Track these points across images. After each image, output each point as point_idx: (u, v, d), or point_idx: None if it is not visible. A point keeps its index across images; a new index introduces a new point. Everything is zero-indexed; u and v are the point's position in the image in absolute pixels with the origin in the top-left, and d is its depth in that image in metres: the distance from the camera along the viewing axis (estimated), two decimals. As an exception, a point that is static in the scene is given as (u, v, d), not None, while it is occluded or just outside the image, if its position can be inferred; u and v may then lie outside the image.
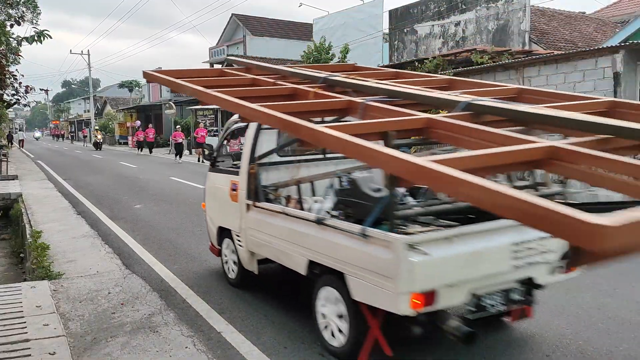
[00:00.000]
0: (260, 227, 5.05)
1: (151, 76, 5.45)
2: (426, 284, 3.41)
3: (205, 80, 4.89)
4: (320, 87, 4.42)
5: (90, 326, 4.84)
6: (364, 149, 2.59)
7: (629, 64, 10.09)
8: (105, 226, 9.66)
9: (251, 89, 4.55)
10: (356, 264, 3.74)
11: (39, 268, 6.64)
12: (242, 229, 5.38)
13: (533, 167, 2.95)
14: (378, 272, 3.52)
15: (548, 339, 4.33)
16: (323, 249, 4.09)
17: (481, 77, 13.07)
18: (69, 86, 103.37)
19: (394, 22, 23.10)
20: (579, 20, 20.89)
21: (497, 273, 3.74)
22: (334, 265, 3.99)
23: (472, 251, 3.57)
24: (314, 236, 4.18)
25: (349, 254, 3.80)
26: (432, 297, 3.45)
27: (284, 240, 4.68)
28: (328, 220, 4.07)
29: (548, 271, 3.97)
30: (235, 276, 5.87)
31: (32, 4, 18.07)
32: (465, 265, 3.56)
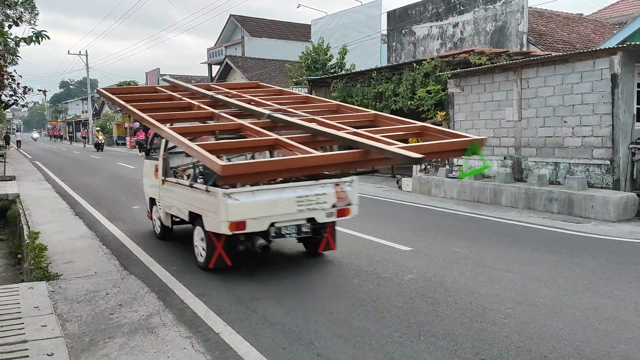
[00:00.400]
0: (169, 194, 7.60)
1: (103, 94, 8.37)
2: (237, 217, 5.85)
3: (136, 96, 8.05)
4: (205, 102, 7.36)
5: (88, 327, 4.84)
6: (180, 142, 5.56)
7: (626, 65, 10.12)
8: (103, 227, 9.65)
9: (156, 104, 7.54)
10: (205, 208, 6.24)
11: (36, 269, 6.63)
12: (160, 196, 7.98)
13: (267, 149, 6.29)
14: (213, 211, 5.99)
15: (546, 339, 4.34)
16: (193, 202, 6.64)
17: (479, 78, 13.10)
18: (67, 87, 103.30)
19: (392, 23, 23.13)
20: (576, 21, 20.95)
21: (287, 213, 6.16)
22: (197, 210, 6.53)
23: (268, 200, 6.03)
24: (189, 195, 6.75)
25: (202, 203, 6.31)
26: (242, 225, 5.90)
27: (178, 200, 7.21)
28: (194, 184, 6.62)
29: (325, 215, 6.41)
30: (160, 231, 8.47)
31: (30, 5, 18.07)
32: (264, 208, 5.99)
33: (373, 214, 10.79)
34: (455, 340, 4.36)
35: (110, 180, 18.03)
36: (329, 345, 4.31)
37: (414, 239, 8.21)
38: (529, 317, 4.84)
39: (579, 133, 10.83)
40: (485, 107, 12.96)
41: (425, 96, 15.22)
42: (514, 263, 6.75)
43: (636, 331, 4.50)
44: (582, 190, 10.21)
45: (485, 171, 12.60)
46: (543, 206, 10.64)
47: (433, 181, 13.50)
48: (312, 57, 23.91)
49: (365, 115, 6.88)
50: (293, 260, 7.04)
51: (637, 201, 9.86)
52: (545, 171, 11.46)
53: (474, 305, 5.16)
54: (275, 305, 5.29)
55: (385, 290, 5.69)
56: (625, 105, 10.17)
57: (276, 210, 6.11)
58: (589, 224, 9.32)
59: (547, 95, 11.41)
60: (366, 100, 18.26)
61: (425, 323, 4.74)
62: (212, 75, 42.62)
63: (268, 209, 6.05)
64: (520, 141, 12.08)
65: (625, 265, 6.63)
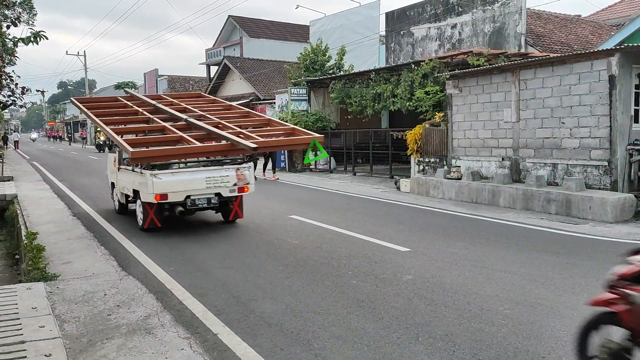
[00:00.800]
0: (122, 178, 10.29)
1: (74, 103, 11.70)
2: (161, 190, 8.45)
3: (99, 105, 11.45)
4: (148, 109, 10.25)
5: (86, 328, 4.83)
6: (113, 137, 8.85)
7: (624, 66, 10.14)
8: (101, 227, 9.64)
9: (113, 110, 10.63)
10: (141, 185, 8.81)
11: (34, 270, 6.62)
12: (117, 180, 10.77)
13: (173, 144, 8.39)
14: (145, 187, 8.55)
15: (543, 340, 4.34)
16: (135, 182, 9.22)
17: (477, 79, 13.12)
18: (65, 87, 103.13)
19: (391, 25, 23.15)
20: (574, 23, 20.98)
21: (198, 189, 8.81)
22: (137, 187, 9.12)
23: (184, 179, 8.75)
24: (133, 177, 9.35)
25: (140, 182, 8.91)
26: (165, 196, 8.52)
27: (127, 181, 9.85)
28: (135, 169, 9.17)
29: (228, 191, 9.03)
30: (118, 208, 11.13)
31: (29, 5, 18.02)
32: (181, 185, 8.66)
33: (371, 214, 10.80)
34: (454, 341, 4.37)
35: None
36: (327, 346, 4.31)
37: (412, 240, 8.22)
38: (526, 317, 4.85)
39: (577, 134, 10.84)
40: (484, 108, 12.98)
41: (424, 97, 15.23)
42: (512, 264, 6.76)
43: (634, 332, 4.51)
44: (580, 192, 10.23)
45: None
46: (541, 207, 10.66)
47: (431, 182, 13.51)
48: (310, 58, 23.90)
49: (262, 120, 10.20)
50: (291, 261, 7.04)
51: (634, 202, 9.88)
52: (543, 172, 11.48)
53: (472, 306, 5.16)
54: (273, 305, 5.29)
55: (384, 291, 5.70)
56: (622, 107, 10.20)
57: (190, 187, 8.85)
58: (586, 225, 9.33)
59: (545, 97, 11.43)
60: (364, 101, 18.27)
61: (423, 324, 4.74)
62: (211, 75, 42.59)
63: (184, 186, 8.80)
64: (519, 142, 12.10)
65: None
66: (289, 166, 21.36)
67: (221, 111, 10.81)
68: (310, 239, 8.40)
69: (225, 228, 9.42)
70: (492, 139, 12.76)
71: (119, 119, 10.09)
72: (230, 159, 9.57)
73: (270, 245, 8.00)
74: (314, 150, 10.81)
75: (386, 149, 18.18)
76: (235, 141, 8.02)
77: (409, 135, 15.48)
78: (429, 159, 15.06)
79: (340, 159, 20.16)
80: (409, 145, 15.53)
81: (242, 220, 10.04)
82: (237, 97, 35.11)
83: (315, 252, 7.51)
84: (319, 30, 28.52)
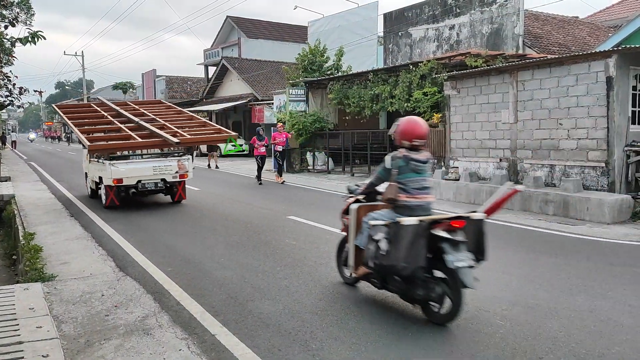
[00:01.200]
0: (92, 168, 12.67)
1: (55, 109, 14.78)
2: (117, 176, 11.17)
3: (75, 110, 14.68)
4: (112, 114, 13.42)
5: (83, 328, 4.83)
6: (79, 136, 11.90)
7: (621, 68, 10.17)
8: (99, 228, 9.63)
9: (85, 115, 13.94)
10: (103, 172, 11.44)
11: (31, 270, 6.61)
12: (89, 170, 13.30)
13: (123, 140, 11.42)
14: (106, 173, 11.24)
15: (541, 341, 4.35)
16: (100, 170, 11.71)
17: (475, 80, 13.14)
18: (63, 87, 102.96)
19: (389, 25, 23.16)
20: (572, 24, 21.03)
21: (147, 175, 11.54)
22: (101, 174, 11.61)
23: (135, 167, 11.56)
24: (99, 167, 11.83)
25: (102, 170, 11.51)
26: (121, 181, 11.26)
27: (95, 171, 12.23)
28: (99, 160, 11.83)
29: (171, 177, 11.72)
30: (90, 193, 13.46)
31: (26, 5, 17.99)
32: (133, 172, 11.42)
33: (369, 215, 10.78)
34: (451, 342, 4.37)
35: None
36: (325, 347, 4.32)
37: (410, 241, 8.20)
38: (524, 318, 4.86)
39: (575, 135, 10.87)
40: (482, 109, 13.00)
41: (422, 98, 15.25)
42: (510, 265, 6.77)
43: (631, 333, 4.52)
44: (578, 193, 10.25)
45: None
46: (539, 208, 10.67)
47: (429, 183, 13.51)
48: (308, 59, 23.89)
49: (200, 122, 13.59)
50: (289, 262, 7.04)
51: (632, 203, 9.90)
52: (541, 173, 11.50)
53: (470, 306, 5.16)
54: (271, 306, 5.29)
55: (381, 292, 5.70)
56: (620, 108, 10.22)
57: (140, 173, 11.58)
58: (584, 226, 9.35)
59: (543, 98, 11.46)
60: (362, 102, 18.28)
61: (421, 324, 4.74)
62: (209, 76, 42.58)
63: (135, 173, 11.53)
64: (516, 143, 12.12)
65: (620, 267, 6.66)
66: (287, 167, 21.35)
67: (170, 115, 13.96)
68: (308, 239, 8.40)
69: (223, 229, 9.41)
70: (490, 140, 12.78)
71: (87, 122, 13.37)
72: (176, 152, 12.41)
73: (267, 245, 8.00)
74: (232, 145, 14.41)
75: (384, 149, 18.17)
76: (166, 138, 11.04)
77: (407, 136, 15.46)
78: (426, 160, 15.05)
79: (338, 159, 20.17)
80: (407, 146, 15.51)
81: (240, 221, 10.04)
82: (236, 97, 35.11)
83: (313, 252, 7.51)
84: (317, 31, 28.53)
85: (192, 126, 12.81)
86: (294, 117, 20.65)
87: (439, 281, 4.68)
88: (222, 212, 11.30)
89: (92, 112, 14.11)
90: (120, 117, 13.10)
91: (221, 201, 13.04)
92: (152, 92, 48.77)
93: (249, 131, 35.34)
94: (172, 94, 45.86)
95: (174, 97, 45.29)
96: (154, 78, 48.35)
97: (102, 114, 13.47)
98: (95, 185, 12.85)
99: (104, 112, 13.69)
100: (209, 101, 39.06)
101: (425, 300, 4.79)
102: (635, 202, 9.98)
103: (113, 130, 12.22)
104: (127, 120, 12.77)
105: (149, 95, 49.68)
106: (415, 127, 5.03)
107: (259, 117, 30.77)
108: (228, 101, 35.08)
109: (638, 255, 7.35)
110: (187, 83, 47.91)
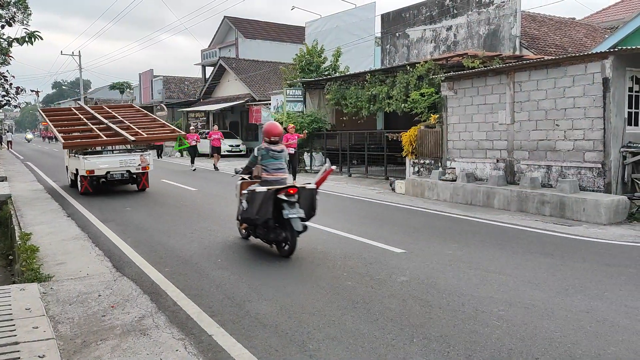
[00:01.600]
0: (71, 162, 15.33)
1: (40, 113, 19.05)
2: (89, 167, 13.71)
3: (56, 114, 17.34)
4: (87, 117, 16.01)
5: (80, 329, 4.82)
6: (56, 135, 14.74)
7: (617, 69, 10.20)
8: (96, 228, 9.61)
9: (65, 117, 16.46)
10: (79, 164, 13.96)
11: (28, 270, 6.59)
12: (69, 164, 15.90)
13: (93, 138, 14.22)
14: (81, 166, 13.80)
15: (537, 341, 4.36)
16: (77, 163, 14.25)
17: (472, 81, 13.16)
18: (60, 87, 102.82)
19: (386, 26, 23.20)
20: (569, 25, 21.09)
21: (115, 167, 14.09)
22: (77, 166, 14.27)
23: (105, 161, 14.08)
24: (75, 161, 14.49)
25: (78, 163, 14.07)
26: (92, 172, 13.78)
27: (73, 164, 14.92)
28: (75, 155, 14.45)
29: (135, 169, 14.27)
30: (70, 183, 15.80)
31: (23, 5, 17.97)
32: (103, 164, 13.93)
33: (366, 216, 10.81)
34: (448, 342, 4.38)
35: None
36: (322, 347, 4.32)
37: (407, 241, 8.23)
38: (521, 319, 4.87)
39: (571, 136, 10.90)
40: (479, 110, 13.03)
41: (419, 99, 15.27)
42: (507, 265, 6.79)
43: (627, 333, 4.53)
44: (574, 193, 10.27)
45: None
46: (535, 209, 10.70)
47: (426, 183, 13.55)
48: (306, 59, 23.91)
49: (159, 123, 16.03)
50: (286, 263, 7.04)
51: (628, 204, 9.93)
52: (538, 174, 11.53)
53: (467, 307, 5.18)
54: (268, 306, 5.29)
55: (379, 292, 5.71)
56: (616, 109, 10.26)
57: (109, 166, 13.96)
58: (580, 226, 9.38)
59: (540, 99, 11.49)
60: (360, 103, 18.29)
61: (418, 325, 4.75)
62: (206, 76, 42.55)
63: (104, 165, 13.92)
64: (513, 144, 12.15)
65: (616, 268, 6.69)
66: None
67: (137, 117, 16.42)
68: (305, 240, 8.39)
69: (220, 229, 9.41)
70: (487, 141, 12.81)
71: (66, 123, 15.69)
72: (139, 148, 15.20)
73: (264, 246, 7.99)
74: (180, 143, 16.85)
75: (381, 150, 18.21)
76: (126, 137, 13.74)
77: (404, 137, 15.52)
78: (424, 161, 15.09)
79: (335, 160, 20.19)
80: (404, 147, 15.57)
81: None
82: (233, 97, 35.09)
83: (310, 253, 7.51)
84: (315, 32, 28.55)
85: (153, 127, 15.41)
86: (291, 118, 20.65)
87: (283, 229, 7.11)
88: (220, 212, 11.29)
89: (72, 115, 16.58)
90: (94, 119, 15.62)
91: (218, 201, 13.03)
92: (149, 92, 48.69)
93: (246, 131, 35.34)
94: (169, 94, 45.79)
95: (171, 97, 45.23)
96: (152, 78, 48.28)
97: (79, 117, 16.00)
98: (74, 176, 15.07)
99: (81, 115, 16.19)
100: (206, 101, 39.03)
101: (276, 242, 7.35)
102: (631, 203, 10.02)
103: (86, 130, 14.72)
104: (99, 122, 15.31)
105: (146, 95, 49.64)
106: (273, 129, 7.57)
107: (257, 118, 30.76)
108: (225, 101, 35.06)
109: (634, 256, 7.38)
110: (185, 83, 47.85)
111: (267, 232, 7.34)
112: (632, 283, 6.00)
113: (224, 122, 36.70)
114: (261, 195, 6.96)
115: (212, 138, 23.63)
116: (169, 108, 40.56)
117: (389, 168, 17.86)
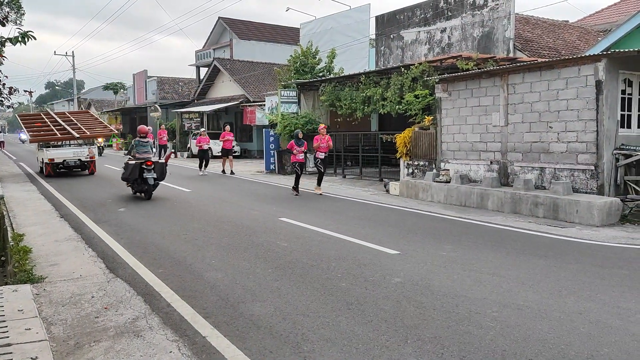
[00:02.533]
0: (39, 154, 21.94)
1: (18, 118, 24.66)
2: (50, 156, 20.04)
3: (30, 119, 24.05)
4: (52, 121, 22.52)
5: (73, 330, 4.79)
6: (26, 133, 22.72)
7: (610, 72, 10.27)
8: (89, 229, 9.57)
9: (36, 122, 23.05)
10: (44, 155, 20.32)
11: (20, 271, 6.56)
12: (38, 155, 22.53)
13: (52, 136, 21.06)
14: (45, 155, 20.20)
15: (531, 343, 4.38)
16: (42, 154, 20.70)
17: (466, 83, 13.21)
18: (53, 87, 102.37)
19: (381, 28, 23.24)
20: (562, 28, 21.20)
21: (69, 157, 20.42)
22: (43, 157, 20.61)
23: (62, 152, 20.62)
24: (42, 153, 20.84)
25: (43, 153, 20.53)
26: (52, 159, 20.03)
27: (41, 154, 21.03)
28: (41, 148, 21.03)
29: (84, 158, 20.54)
30: (39, 169, 21.78)
31: (16, 4, 17.89)
32: (60, 154, 20.37)
33: (360, 217, 10.82)
34: (442, 343, 4.39)
35: (96, 182, 17.89)
36: (316, 349, 4.32)
37: (401, 243, 8.25)
38: (514, 320, 4.89)
39: (564, 138, 10.96)
40: (472, 112, 13.07)
41: (413, 100, 15.31)
42: (500, 267, 6.81)
43: (619, 334, 4.56)
44: (567, 195, 10.33)
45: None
46: (529, 210, 10.75)
47: (420, 185, 13.58)
48: (300, 61, 23.91)
49: (103, 125, 23.41)
50: (280, 264, 7.04)
51: (620, 206, 9.99)
52: (531, 176, 11.58)
53: (460, 308, 5.19)
54: (262, 308, 5.29)
55: (373, 293, 5.71)
56: (609, 112, 10.32)
57: (65, 156, 20.17)
58: (573, 228, 9.43)
59: (533, 101, 11.54)
60: (354, 104, 18.31)
61: (412, 326, 4.76)
62: (200, 77, 42.45)
63: (61, 155, 20.16)
64: (507, 146, 12.20)
65: (609, 270, 6.72)
66: (279, 169, 21.35)
67: (88, 120, 22.80)
68: (300, 241, 8.40)
69: (215, 230, 9.39)
70: (481, 143, 12.86)
71: (35, 125, 21.44)
72: (87, 142, 21.24)
73: (259, 247, 7.99)
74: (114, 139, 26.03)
75: (376, 151, 18.24)
76: (72, 134, 19.91)
77: (398, 139, 15.55)
78: (418, 162, 15.13)
79: (329, 161, 20.18)
80: (398, 149, 15.60)
81: (231, 223, 10.03)
82: (227, 98, 35.02)
83: (304, 254, 7.51)
84: (309, 33, 28.58)
85: (96, 127, 22.12)
86: (285, 119, 20.64)
87: (145, 183, 13.15)
88: (214, 213, 11.27)
89: (39, 119, 22.94)
90: (55, 122, 21.74)
91: (212, 202, 13.01)
92: (143, 93, 48.51)
93: (240, 132, 35.27)
94: (163, 94, 45.62)
95: (165, 98, 45.07)
96: (145, 79, 48.10)
97: (45, 120, 22.26)
98: (42, 164, 20.70)
99: (47, 119, 22.55)
100: (200, 102, 38.93)
101: (143, 191, 13.38)
102: (624, 205, 10.08)
103: (48, 130, 20.81)
104: (58, 124, 21.41)
105: (140, 96, 49.44)
106: (141, 129, 13.96)
107: (251, 119, 30.73)
108: (219, 102, 34.98)
109: (626, 257, 7.42)
110: (179, 84, 47.70)
111: (137, 185, 13.32)
112: (625, 284, 6.04)
113: (218, 123, 36.61)
114: (132, 165, 13.12)
115: (225, 139, 21.74)
116: (163, 109, 40.41)
117: (383, 169, 17.88)
